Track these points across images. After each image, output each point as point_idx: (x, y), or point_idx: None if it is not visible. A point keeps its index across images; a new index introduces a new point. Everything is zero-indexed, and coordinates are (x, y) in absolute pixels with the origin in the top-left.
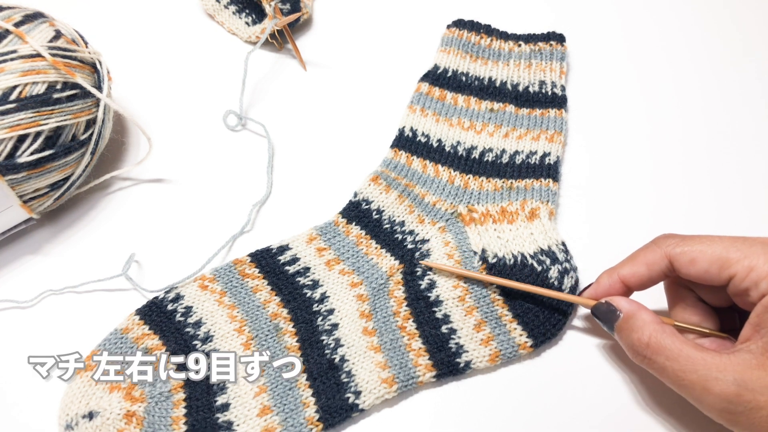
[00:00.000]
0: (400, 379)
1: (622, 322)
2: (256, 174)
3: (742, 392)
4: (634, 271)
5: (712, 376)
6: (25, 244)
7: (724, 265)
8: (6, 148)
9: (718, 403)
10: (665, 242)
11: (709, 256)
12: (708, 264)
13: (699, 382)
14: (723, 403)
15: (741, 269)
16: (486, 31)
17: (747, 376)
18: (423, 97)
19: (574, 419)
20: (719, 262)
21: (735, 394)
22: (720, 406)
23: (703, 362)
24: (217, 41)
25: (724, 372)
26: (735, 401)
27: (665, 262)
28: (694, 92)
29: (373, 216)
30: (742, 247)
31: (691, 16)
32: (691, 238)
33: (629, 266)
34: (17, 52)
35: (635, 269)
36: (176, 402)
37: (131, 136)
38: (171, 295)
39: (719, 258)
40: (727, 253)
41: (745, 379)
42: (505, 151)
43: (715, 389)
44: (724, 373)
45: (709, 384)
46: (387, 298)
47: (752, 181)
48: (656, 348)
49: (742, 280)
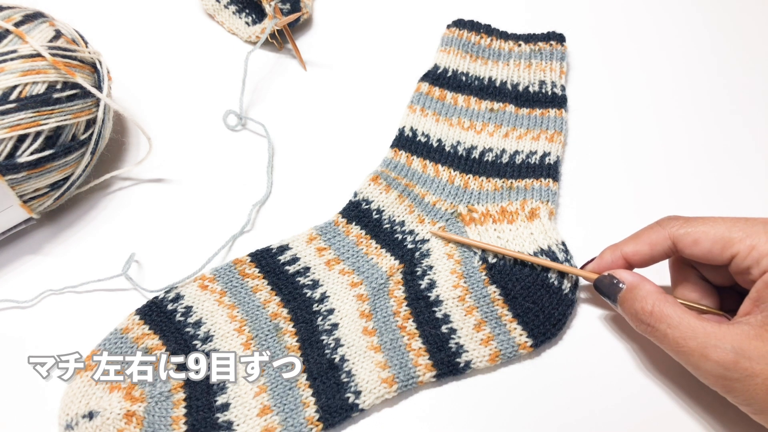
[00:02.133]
0: (400, 379)
1: (625, 293)
2: (256, 174)
3: (739, 360)
4: (636, 250)
5: (711, 343)
6: (25, 244)
7: (726, 245)
8: (6, 148)
9: (716, 370)
10: (669, 223)
11: (712, 236)
12: (711, 244)
13: (698, 349)
14: (720, 370)
15: (743, 248)
16: (486, 31)
17: (745, 345)
18: (423, 97)
19: (574, 419)
20: (722, 242)
21: (732, 361)
22: (717, 373)
23: (703, 330)
24: (217, 41)
25: (723, 340)
26: (732, 368)
27: (668, 242)
28: (694, 92)
29: (373, 216)
30: (743, 227)
31: (691, 15)
32: (694, 219)
33: (632, 244)
34: (17, 52)
35: (638, 248)
36: (176, 402)
37: (131, 136)
38: (171, 295)
39: (722, 238)
40: (729, 233)
41: (743, 347)
42: (505, 150)
43: (713, 356)
44: (723, 342)
45: (707, 351)
46: (387, 297)
47: (753, 181)
48: (659, 316)
49: (744, 258)
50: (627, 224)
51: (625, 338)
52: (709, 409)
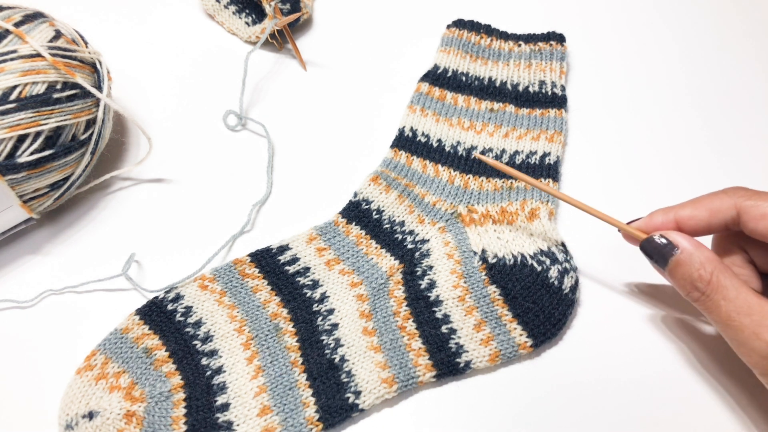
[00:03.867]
0: (400, 379)
1: (680, 257)
2: (256, 174)
3: None
4: (694, 215)
5: (766, 323)
6: (25, 244)
7: None
8: (6, 148)
9: (764, 350)
10: (737, 193)
11: None
12: None
13: (751, 326)
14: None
15: None
16: (486, 31)
17: None
18: (423, 97)
19: (574, 419)
20: None
21: None
22: (764, 353)
23: (760, 308)
24: (217, 41)
25: None
26: None
27: (732, 212)
28: (694, 91)
29: (373, 216)
30: None
31: (692, 15)
32: (764, 193)
33: (690, 208)
34: (17, 52)
35: (696, 213)
36: (176, 402)
37: (131, 136)
38: (171, 295)
39: None
40: None
41: None
42: (505, 151)
43: (766, 336)
44: None
45: (761, 330)
46: (387, 298)
47: (754, 182)
48: (716, 286)
49: None
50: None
51: (625, 338)
52: (709, 408)
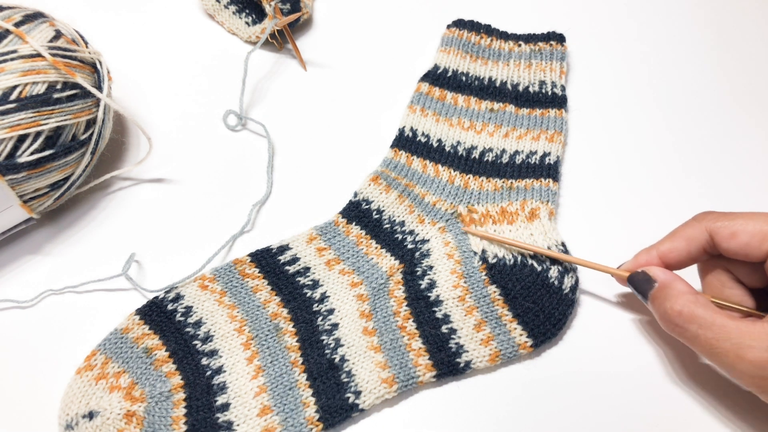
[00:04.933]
0: (400, 379)
1: (656, 291)
2: (256, 174)
3: None
4: (673, 247)
5: (746, 343)
6: (25, 244)
7: (765, 238)
8: (6, 148)
9: (751, 370)
10: (705, 218)
11: (750, 229)
12: (749, 237)
13: (732, 349)
14: (756, 370)
15: None
16: (486, 31)
17: None
18: (423, 97)
19: (574, 419)
20: (760, 235)
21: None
22: (752, 373)
23: (737, 330)
24: (217, 41)
25: (758, 340)
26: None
27: (705, 236)
28: (695, 91)
29: (373, 216)
30: None
31: (692, 15)
32: (731, 213)
33: (669, 242)
34: (17, 52)
35: (675, 244)
36: (176, 402)
37: (131, 136)
38: (171, 295)
39: (760, 231)
40: (767, 227)
41: None
42: (505, 151)
43: (749, 356)
44: (758, 341)
45: (742, 351)
46: (387, 297)
47: (754, 181)
48: (689, 317)
49: None
50: (627, 224)
51: (625, 338)
52: (709, 408)
